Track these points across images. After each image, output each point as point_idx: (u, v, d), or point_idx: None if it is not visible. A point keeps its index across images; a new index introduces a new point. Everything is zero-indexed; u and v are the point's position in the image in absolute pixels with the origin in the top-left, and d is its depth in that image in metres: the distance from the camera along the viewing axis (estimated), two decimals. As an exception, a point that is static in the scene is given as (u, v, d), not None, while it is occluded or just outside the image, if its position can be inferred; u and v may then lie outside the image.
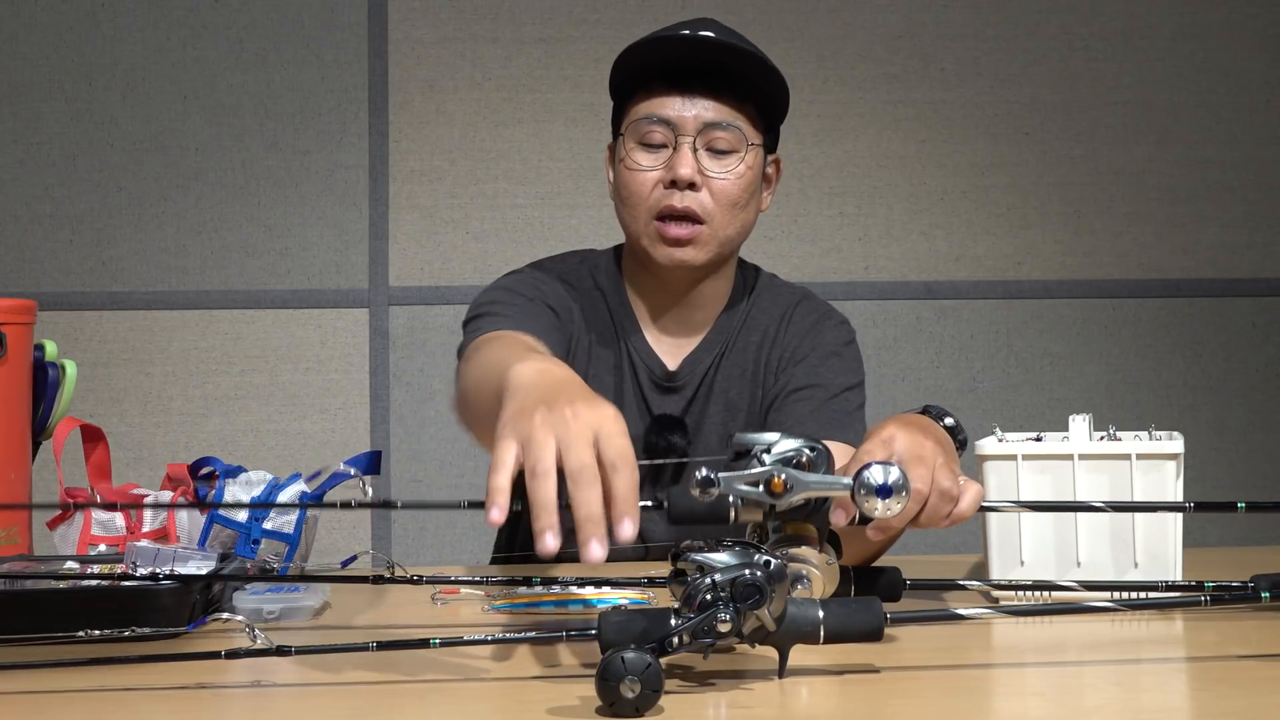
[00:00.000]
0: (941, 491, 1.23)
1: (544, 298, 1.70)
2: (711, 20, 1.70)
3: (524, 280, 1.73)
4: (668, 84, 1.65)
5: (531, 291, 1.70)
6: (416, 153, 2.98)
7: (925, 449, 1.25)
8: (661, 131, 1.65)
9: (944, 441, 1.31)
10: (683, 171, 1.63)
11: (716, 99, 1.65)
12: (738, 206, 1.67)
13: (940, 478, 1.23)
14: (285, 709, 1.07)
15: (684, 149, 1.64)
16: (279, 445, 2.95)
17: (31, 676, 1.11)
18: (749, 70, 1.65)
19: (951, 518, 1.24)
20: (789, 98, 1.70)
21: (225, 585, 1.37)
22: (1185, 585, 1.36)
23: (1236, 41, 3.11)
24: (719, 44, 1.64)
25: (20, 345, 1.54)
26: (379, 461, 1.57)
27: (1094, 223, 3.09)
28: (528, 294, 1.69)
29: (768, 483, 1.13)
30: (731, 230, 1.69)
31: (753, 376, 1.76)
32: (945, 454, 1.27)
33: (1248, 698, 1.05)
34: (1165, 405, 3.08)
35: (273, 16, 2.97)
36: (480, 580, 1.41)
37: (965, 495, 1.24)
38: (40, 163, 2.93)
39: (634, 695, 0.96)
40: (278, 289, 2.96)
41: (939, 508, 1.23)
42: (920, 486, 1.22)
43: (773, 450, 1.14)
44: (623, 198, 1.69)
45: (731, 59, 1.64)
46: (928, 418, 1.37)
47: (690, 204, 1.64)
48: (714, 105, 1.65)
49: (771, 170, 1.75)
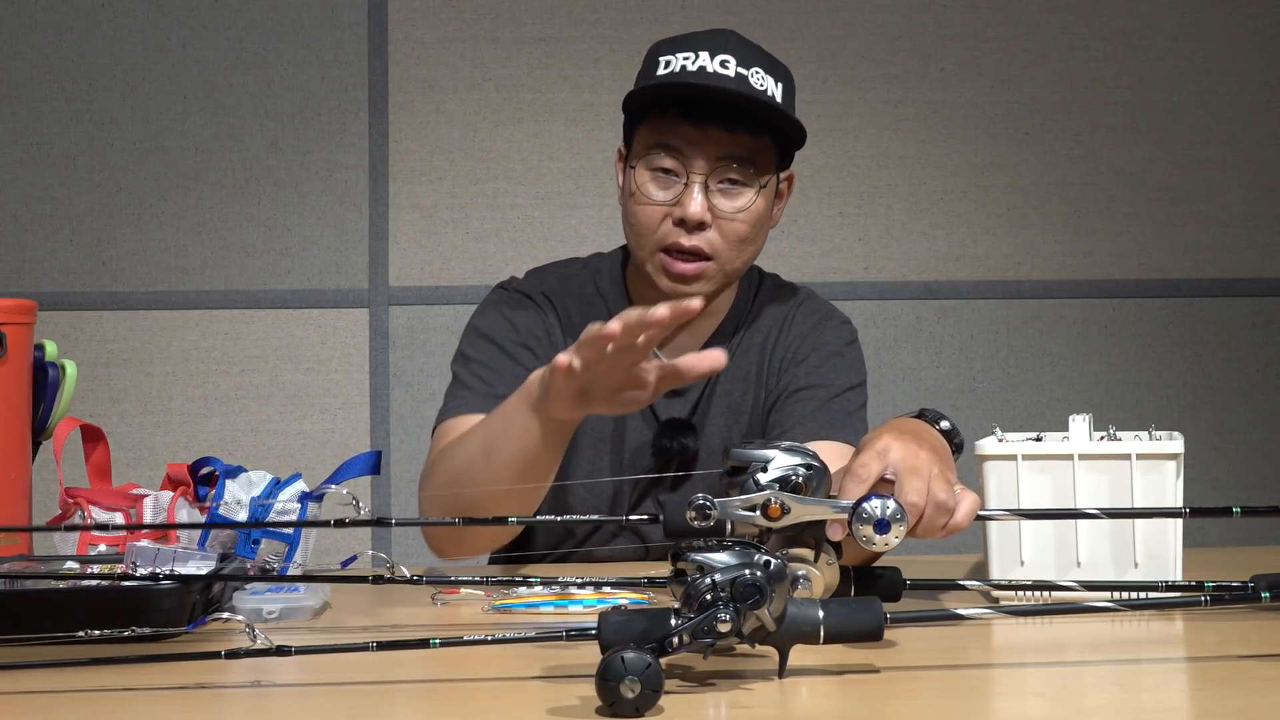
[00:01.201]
0: (937, 504, 1.23)
1: (520, 340, 1.72)
2: (733, 36, 1.65)
3: (504, 317, 1.74)
4: (681, 114, 1.61)
5: (510, 336, 1.72)
6: (416, 153, 2.98)
7: (920, 460, 1.25)
8: (673, 163, 1.62)
9: (939, 449, 1.31)
10: (692, 211, 1.61)
11: (730, 132, 1.61)
12: (746, 242, 1.66)
13: (936, 489, 1.23)
14: (285, 709, 1.07)
15: (694, 188, 1.61)
16: (279, 445, 2.95)
17: (31, 676, 1.11)
18: (766, 111, 1.61)
19: (947, 528, 1.24)
20: (805, 135, 1.66)
21: (225, 585, 1.37)
22: (1185, 585, 1.36)
23: (1236, 41, 3.11)
24: (739, 93, 1.58)
25: (20, 345, 1.54)
26: (379, 462, 1.57)
27: (1094, 223, 3.09)
28: (505, 344, 1.71)
29: (764, 507, 1.13)
30: (739, 263, 1.68)
31: (756, 378, 1.76)
32: (941, 462, 1.27)
33: (1248, 698, 1.05)
34: (1165, 405, 3.08)
35: (273, 16, 2.97)
36: (480, 580, 1.41)
37: (961, 506, 1.24)
38: (40, 163, 2.93)
39: (634, 695, 0.97)
40: (278, 289, 2.96)
41: (935, 519, 1.23)
42: (915, 499, 1.22)
43: (769, 469, 1.15)
44: (631, 224, 1.67)
45: (748, 104, 1.60)
46: (924, 422, 1.37)
47: (698, 243, 1.62)
48: (727, 139, 1.61)
49: (784, 186, 1.72)
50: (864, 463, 1.25)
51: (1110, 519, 1.36)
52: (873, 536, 1.12)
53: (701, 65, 1.61)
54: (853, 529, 1.13)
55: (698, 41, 1.64)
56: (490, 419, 1.51)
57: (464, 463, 1.53)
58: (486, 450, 1.48)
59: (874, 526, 1.12)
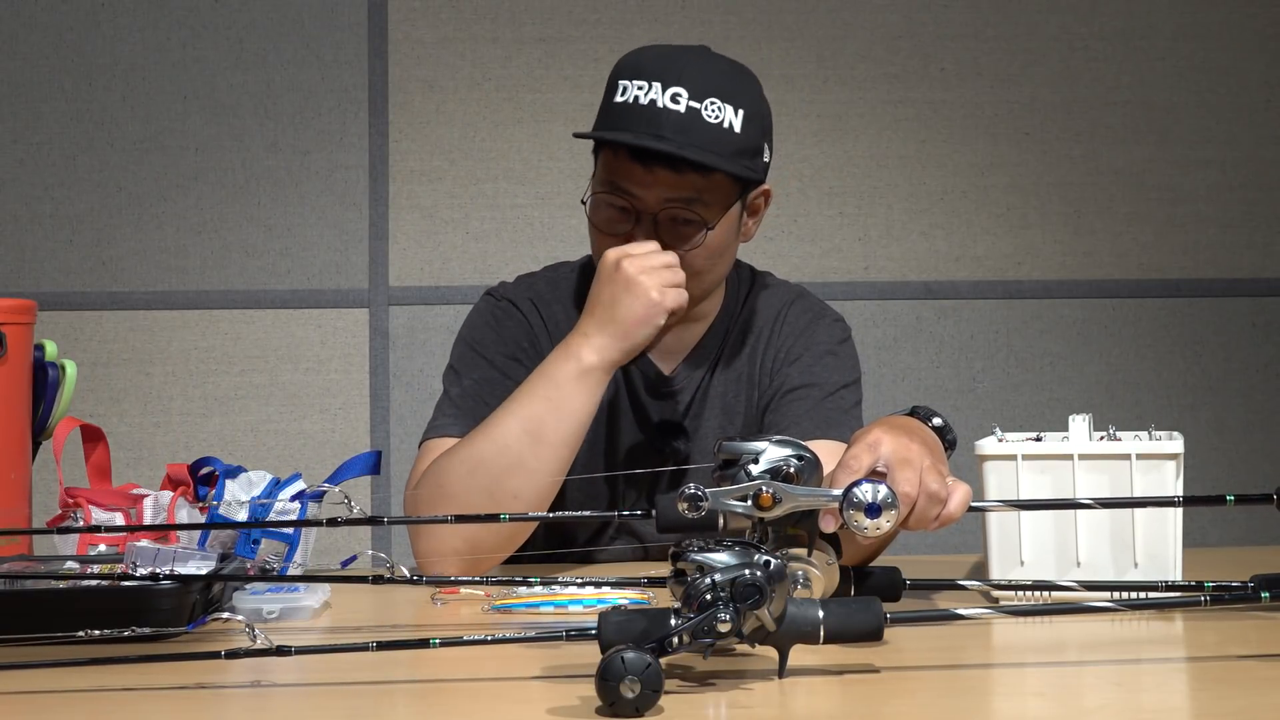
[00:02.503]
0: (929, 494, 1.23)
1: (507, 351, 1.73)
2: (692, 61, 1.61)
3: (491, 328, 1.75)
4: (630, 154, 1.59)
5: (496, 348, 1.73)
6: (416, 153, 2.98)
7: (912, 451, 1.25)
8: (623, 200, 1.62)
9: (931, 443, 1.31)
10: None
11: (678, 173, 1.58)
12: (705, 271, 1.65)
13: (928, 480, 1.23)
14: (285, 709, 1.07)
15: (644, 226, 1.61)
16: (279, 445, 2.95)
17: (31, 676, 1.11)
18: (715, 150, 1.58)
19: (940, 519, 1.24)
20: (766, 159, 1.65)
21: (225, 585, 1.37)
22: (1185, 585, 1.36)
23: (1236, 41, 3.11)
24: (669, 155, 1.55)
25: (20, 345, 1.54)
26: (379, 462, 1.58)
27: (1094, 223, 3.09)
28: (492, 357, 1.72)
29: (755, 497, 1.13)
30: (707, 282, 1.68)
31: (749, 379, 1.76)
32: (933, 455, 1.27)
33: (1248, 698, 1.05)
34: (1165, 405, 3.08)
35: (273, 16, 2.97)
36: (480, 580, 1.41)
37: (953, 496, 1.24)
38: (40, 163, 2.93)
39: (634, 695, 0.97)
40: (278, 289, 2.96)
41: (927, 510, 1.23)
42: (908, 490, 1.22)
43: (760, 460, 1.15)
44: (594, 251, 1.69)
45: (689, 156, 1.56)
46: (916, 419, 1.37)
47: None
48: (675, 180, 1.58)
49: (760, 200, 1.71)
50: (855, 454, 1.25)
51: (1104, 509, 1.36)
52: (864, 521, 1.12)
53: (653, 99, 1.58)
54: (844, 513, 1.13)
55: (655, 69, 1.60)
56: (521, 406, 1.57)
57: (497, 454, 1.55)
58: (534, 431, 1.54)
59: (865, 511, 1.12)
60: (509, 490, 1.54)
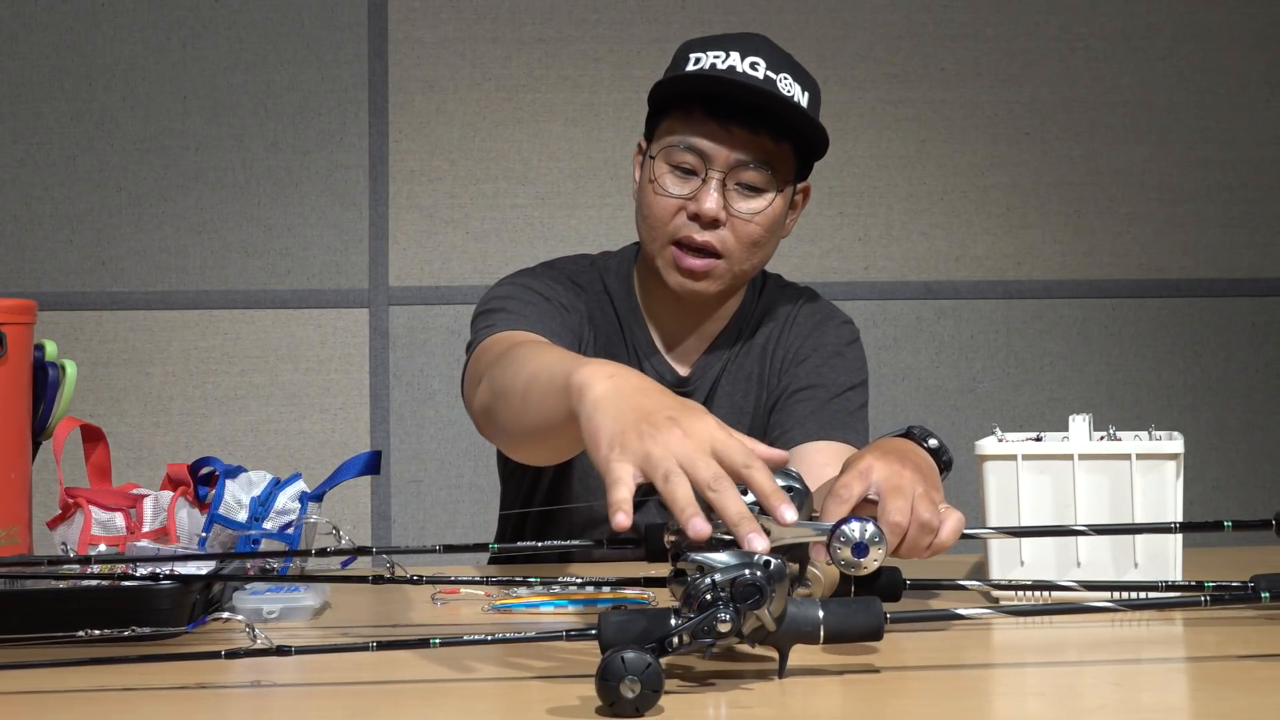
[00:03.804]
0: (921, 523, 1.23)
1: (557, 297, 1.69)
2: (765, 41, 1.65)
3: (536, 278, 1.72)
4: (706, 111, 1.60)
5: (547, 290, 1.69)
6: (416, 153, 2.98)
7: (904, 479, 1.25)
8: (693, 159, 1.61)
9: (924, 468, 1.31)
10: (707, 207, 1.59)
11: (753, 133, 1.59)
12: (758, 245, 1.64)
13: (920, 509, 1.23)
14: (285, 709, 1.07)
15: (711, 184, 1.60)
16: (279, 445, 2.95)
17: (31, 676, 1.11)
18: (791, 116, 1.61)
19: (931, 548, 1.24)
20: (828, 143, 1.66)
21: (225, 585, 1.37)
22: (1185, 585, 1.36)
23: (1236, 41, 3.11)
24: (766, 92, 1.58)
25: (20, 345, 1.53)
26: (379, 461, 1.57)
27: (1094, 223, 3.09)
28: (544, 293, 1.68)
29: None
30: (749, 265, 1.67)
31: (758, 379, 1.76)
32: (926, 482, 1.26)
33: (1248, 698, 1.05)
34: (1165, 405, 3.08)
35: (273, 16, 2.97)
36: (480, 580, 1.41)
37: (945, 525, 1.24)
38: (40, 163, 2.93)
39: (634, 695, 0.97)
40: (278, 289, 2.96)
41: (919, 539, 1.23)
42: (898, 519, 1.22)
43: (748, 492, 1.13)
44: (644, 215, 1.66)
45: (775, 105, 1.59)
46: (911, 441, 1.36)
47: (710, 239, 1.61)
48: (749, 140, 1.60)
49: (800, 197, 1.71)
50: (846, 483, 1.25)
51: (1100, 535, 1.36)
52: (851, 560, 1.11)
53: (731, 65, 1.60)
54: (830, 552, 1.12)
55: (729, 42, 1.64)
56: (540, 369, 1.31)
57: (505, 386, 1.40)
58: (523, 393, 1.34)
59: (852, 549, 1.11)
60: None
